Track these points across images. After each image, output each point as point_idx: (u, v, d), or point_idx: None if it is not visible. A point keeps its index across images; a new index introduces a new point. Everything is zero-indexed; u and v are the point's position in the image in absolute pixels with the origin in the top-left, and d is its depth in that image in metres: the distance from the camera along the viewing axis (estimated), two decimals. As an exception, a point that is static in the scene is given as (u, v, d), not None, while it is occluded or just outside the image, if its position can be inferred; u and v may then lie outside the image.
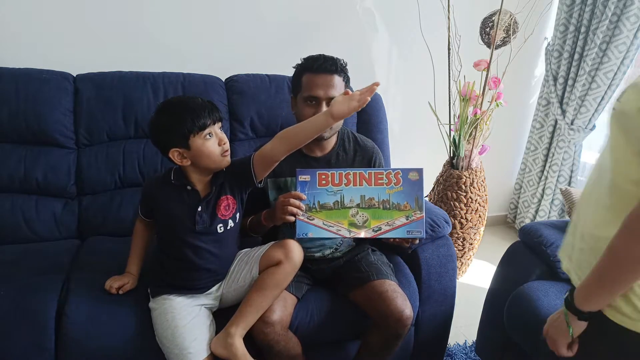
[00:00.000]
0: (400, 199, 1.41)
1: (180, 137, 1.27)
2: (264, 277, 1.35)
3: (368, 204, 1.42)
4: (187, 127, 1.26)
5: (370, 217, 1.41)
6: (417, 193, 1.41)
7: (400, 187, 1.42)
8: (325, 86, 1.44)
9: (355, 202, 1.42)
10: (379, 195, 1.42)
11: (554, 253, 1.60)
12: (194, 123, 1.26)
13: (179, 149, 1.29)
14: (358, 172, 1.44)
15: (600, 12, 2.42)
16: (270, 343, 1.35)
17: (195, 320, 1.34)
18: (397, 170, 1.44)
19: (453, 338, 1.96)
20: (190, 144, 1.28)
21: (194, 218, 1.34)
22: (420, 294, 1.64)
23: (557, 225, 1.73)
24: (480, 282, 2.48)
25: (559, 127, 2.75)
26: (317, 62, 1.45)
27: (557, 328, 1.00)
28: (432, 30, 2.34)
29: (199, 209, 1.34)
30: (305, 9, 2.30)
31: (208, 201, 1.36)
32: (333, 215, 1.41)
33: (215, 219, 1.37)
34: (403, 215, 1.38)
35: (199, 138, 1.28)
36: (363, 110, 2.07)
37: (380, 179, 1.43)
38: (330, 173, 1.43)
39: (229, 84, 1.96)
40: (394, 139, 2.30)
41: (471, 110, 2.28)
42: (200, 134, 1.28)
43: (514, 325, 1.59)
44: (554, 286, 1.56)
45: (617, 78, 2.43)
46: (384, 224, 1.38)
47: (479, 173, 2.39)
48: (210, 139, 1.30)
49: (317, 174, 1.43)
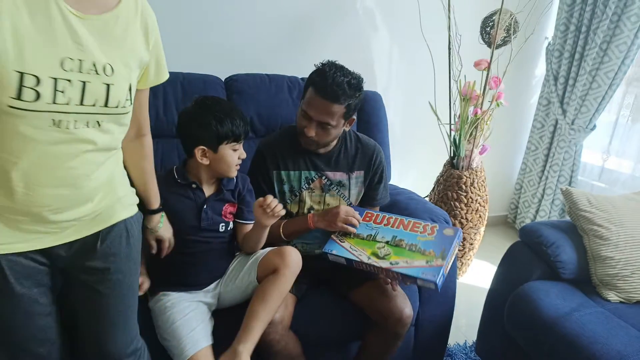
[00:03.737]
0: (427, 246, 1.44)
1: (213, 139, 1.33)
2: (267, 288, 1.34)
3: (396, 244, 1.47)
4: (224, 134, 1.33)
5: (392, 253, 1.44)
6: (445, 245, 1.43)
7: (432, 238, 1.47)
8: (320, 110, 1.42)
9: (386, 239, 1.48)
10: (409, 239, 1.48)
11: (554, 253, 1.60)
12: (232, 133, 1.34)
13: (206, 148, 1.34)
14: (400, 218, 1.55)
15: (601, 11, 2.42)
16: (271, 342, 1.35)
17: (192, 313, 1.35)
18: (434, 225, 1.51)
19: (453, 338, 1.96)
20: (219, 149, 1.34)
21: (200, 214, 1.39)
22: (421, 294, 1.64)
23: (558, 225, 1.73)
24: (481, 282, 2.48)
25: (559, 127, 2.75)
26: (324, 83, 1.40)
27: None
28: (433, 30, 2.34)
29: (204, 207, 1.39)
30: (306, 8, 2.29)
31: (216, 201, 1.42)
32: (361, 243, 1.49)
33: (219, 218, 1.42)
34: (424, 260, 1.40)
35: (229, 147, 1.36)
36: (363, 110, 2.08)
37: (418, 228, 1.51)
38: (376, 214, 1.57)
39: (228, 84, 1.95)
40: (394, 138, 2.30)
41: (472, 110, 2.28)
42: (231, 144, 1.36)
43: (514, 326, 1.58)
44: (554, 286, 1.56)
45: (617, 78, 2.43)
46: (403, 261, 1.41)
47: (479, 173, 2.39)
48: (236, 152, 1.38)
49: (365, 211, 1.58)
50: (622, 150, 2.66)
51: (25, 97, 0.85)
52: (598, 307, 1.50)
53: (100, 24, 0.94)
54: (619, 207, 1.65)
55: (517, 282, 1.63)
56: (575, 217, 1.67)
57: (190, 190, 1.39)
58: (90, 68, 0.91)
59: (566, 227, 1.71)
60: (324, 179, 1.57)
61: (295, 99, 1.96)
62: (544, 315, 1.45)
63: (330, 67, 1.44)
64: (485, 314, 1.83)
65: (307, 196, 1.57)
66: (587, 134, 2.64)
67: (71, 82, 0.89)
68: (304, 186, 1.56)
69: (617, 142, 2.68)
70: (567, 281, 1.61)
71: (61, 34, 0.88)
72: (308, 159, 1.56)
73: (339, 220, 1.49)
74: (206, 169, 1.39)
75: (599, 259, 1.58)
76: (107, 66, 0.94)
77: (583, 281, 1.62)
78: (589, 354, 1.31)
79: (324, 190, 1.58)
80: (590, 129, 2.62)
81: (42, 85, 0.86)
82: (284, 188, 1.56)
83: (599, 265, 1.59)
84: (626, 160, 2.65)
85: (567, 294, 1.53)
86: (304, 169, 1.56)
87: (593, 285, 1.61)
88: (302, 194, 1.57)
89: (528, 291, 1.55)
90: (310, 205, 1.58)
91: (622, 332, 1.37)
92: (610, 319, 1.44)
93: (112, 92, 0.95)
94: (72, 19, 0.89)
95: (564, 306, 1.47)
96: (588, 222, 1.63)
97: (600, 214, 1.62)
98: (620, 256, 1.56)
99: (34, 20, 0.84)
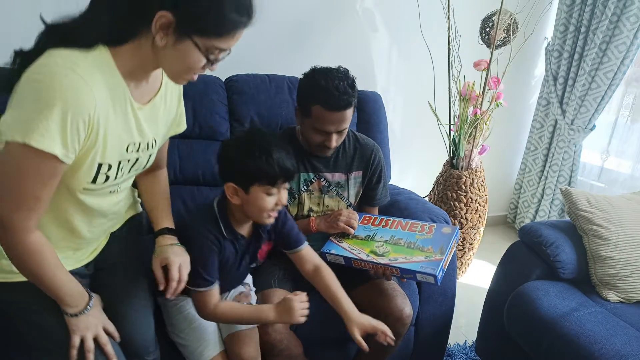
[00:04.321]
0: (425, 243, 1.46)
1: (244, 179, 1.18)
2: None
3: (395, 242, 1.49)
4: (254, 173, 1.16)
5: (391, 250, 1.46)
6: (443, 242, 1.44)
7: (430, 236, 1.49)
8: (337, 122, 1.41)
9: (384, 239, 1.51)
10: (407, 238, 1.50)
11: (554, 253, 1.60)
12: (265, 174, 1.16)
13: (237, 186, 1.19)
14: (398, 220, 1.57)
15: (600, 12, 2.42)
16: (273, 342, 1.35)
17: None
18: (432, 224, 1.53)
19: (453, 338, 1.96)
20: (250, 190, 1.19)
21: (240, 263, 1.34)
22: (420, 294, 1.64)
23: (557, 225, 1.73)
24: (480, 282, 2.48)
25: (558, 127, 2.75)
26: (331, 99, 1.36)
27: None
28: (432, 30, 2.34)
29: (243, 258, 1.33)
30: (306, 8, 2.29)
31: (255, 247, 1.35)
32: (360, 243, 1.51)
33: (255, 260, 1.39)
34: (423, 255, 1.41)
35: (261, 190, 1.18)
36: (363, 110, 2.08)
37: (416, 227, 1.53)
38: (374, 217, 1.60)
39: (229, 84, 1.96)
40: (394, 139, 2.30)
41: (471, 110, 2.28)
42: (264, 188, 1.18)
43: (514, 325, 1.59)
44: (554, 286, 1.56)
45: (617, 78, 2.43)
46: (402, 257, 1.42)
47: (479, 173, 2.39)
48: (270, 197, 1.20)
49: (363, 215, 1.60)
50: (622, 151, 2.66)
51: (99, 181, 1.02)
52: (597, 307, 1.50)
53: (152, 107, 1.09)
54: (618, 207, 1.65)
55: (516, 282, 1.63)
56: (574, 217, 1.68)
57: (236, 242, 1.28)
58: (144, 148, 1.10)
59: (566, 227, 1.71)
60: (323, 181, 1.58)
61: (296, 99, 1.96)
62: (544, 315, 1.45)
63: (324, 78, 1.38)
64: (485, 314, 1.83)
65: (306, 198, 1.57)
66: (587, 134, 2.64)
67: (129, 160, 1.07)
68: (303, 188, 1.56)
69: (616, 142, 2.68)
70: (567, 281, 1.61)
71: (131, 126, 1.04)
72: (307, 161, 1.56)
73: (340, 220, 1.50)
74: (239, 210, 1.24)
75: (599, 258, 1.59)
76: (153, 142, 1.12)
77: (582, 281, 1.62)
78: (588, 353, 1.32)
79: (322, 191, 1.58)
80: (590, 129, 2.62)
81: (112, 169, 1.03)
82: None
83: (598, 265, 1.59)
84: (625, 160, 2.65)
85: (566, 294, 1.54)
86: (302, 171, 1.56)
87: (592, 285, 1.61)
88: (301, 195, 1.56)
89: (527, 291, 1.55)
90: (310, 207, 1.58)
91: (622, 332, 1.37)
92: (610, 318, 1.44)
93: (152, 158, 1.17)
94: (137, 111, 1.04)
95: (563, 306, 1.47)
96: (587, 222, 1.63)
97: (599, 214, 1.62)
98: (619, 256, 1.57)
99: (116, 119, 0.99)
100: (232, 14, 0.92)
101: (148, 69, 1.02)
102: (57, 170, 0.91)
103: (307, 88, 1.42)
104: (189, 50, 0.93)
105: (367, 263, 1.43)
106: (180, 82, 1.04)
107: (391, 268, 1.39)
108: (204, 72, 1.00)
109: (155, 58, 0.97)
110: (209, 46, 0.94)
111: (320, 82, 1.38)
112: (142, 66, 0.99)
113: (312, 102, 1.40)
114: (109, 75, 0.94)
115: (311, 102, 1.40)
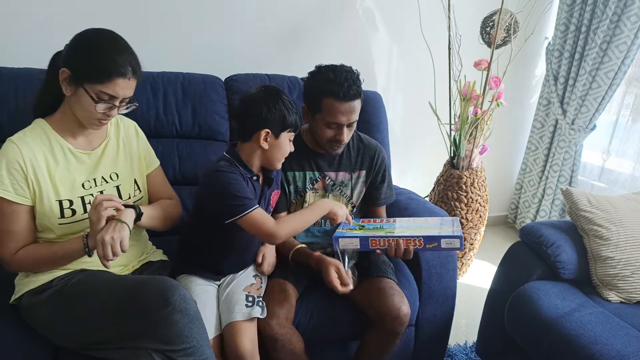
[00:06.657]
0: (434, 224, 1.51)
1: (280, 125, 1.36)
2: None
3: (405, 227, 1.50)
4: (290, 122, 1.36)
5: (405, 229, 1.48)
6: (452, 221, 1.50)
7: (437, 220, 1.55)
8: (348, 113, 1.44)
9: (394, 227, 1.50)
10: (414, 224, 1.54)
11: (554, 253, 1.60)
12: (295, 123, 1.38)
13: (270, 131, 1.35)
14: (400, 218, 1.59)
15: (601, 11, 2.42)
16: (276, 336, 1.36)
17: (208, 300, 1.36)
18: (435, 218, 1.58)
19: (453, 338, 1.96)
20: (280, 135, 1.37)
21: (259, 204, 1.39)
22: (421, 294, 1.64)
23: (558, 225, 1.73)
24: (481, 282, 2.48)
25: (559, 126, 2.75)
26: (341, 89, 1.40)
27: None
28: (433, 30, 2.34)
29: (261, 200, 1.42)
30: (306, 8, 2.29)
31: (269, 192, 1.46)
32: (370, 231, 1.48)
33: (268, 208, 1.48)
34: (435, 230, 1.44)
35: (288, 136, 1.39)
36: (363, 110, 2.07)
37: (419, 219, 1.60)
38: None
39: (228, 84, 1.95)
40: (394, 138, 2.30)
41: (472, 110, 2.28)
42: (290, 134, 1.39)
43: (515, 326, 1.58)
44: (554, 286, 1.56)
45: (617, 78, 2.43)
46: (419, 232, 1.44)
47: (479, 173, 2.39)
48: (290, 143, 1.41)
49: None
50: (622, 150, 2.66)
51: (66, 215, 1.24)
52: (598, 307, 1.50)
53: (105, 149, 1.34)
54: (619, 207, 1.65)
55: (517, 282, 1.63)
56: (575, 217, 1.67)
57: (251, 182, 1.38)
58: (102, 182, 1.31)
59: (566, 227, 1.71)
60: (327, 180, 1.59)
61: (296, 99, 1.95)
62: (544, 316, 1.45)
63: (332, 71, 1.43)
64: (485, 314, 1.83)
65: (311, 196, 1.58)
66: (587, 134, 2.64)
67: (93, 195, 1.28)
68: (308, 187, 1.57)
69: (617, 142, 2.68)
70: (567, 281, 1.61)
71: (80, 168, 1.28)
72: (312, 160, 1.58)
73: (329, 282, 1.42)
74: (260, 156, 1.39)
75: (599, 259, 1.58)
76: (115, 175, 1.35)
77: (583, 281, 1.62)
78: (589, 354, 1.31)
79: (327, 190, 1.59)
80: (590, 129, 2.62)
81: (75, 204, 1.25)
82: (290, 189, 1.57)
83: (599, 266, 1.58)
84: (626, 160, 2.64)
85: (567, 294, 1.53)
86: (308, 169, 1.57)
87: (593, 285, 1.61)
88: (306, 194, 1.57)
89: (528, 291, 1.55)
90: None
91: (622, 333, 1.37)
92: (611, 319, 1.44)
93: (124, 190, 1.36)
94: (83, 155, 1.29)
95: (564, 306, 1.47)
96: (588, 222, 1.63)
97: (600, 214, 1.62)
98: (620, 256, 1.56)
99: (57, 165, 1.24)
100: (109, 64, 1.16)
101: (81, 122, 1.25)
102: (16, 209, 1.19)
103: (316, 83, 1.45)
104: (83, 96, 1.17)
105: (386, 240, 1.41)
106: (92, 126, 1.26)
107: (414, 239, 1.40)
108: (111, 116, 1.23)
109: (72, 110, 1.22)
110: (97, 91, 1.17)
111: (329, 75, 1.42)
112: (74, 121, 1.25)
113: (323, 96, 1.43)
114: (44, 136, 1.24)
115: (322, 96, 1.43)
